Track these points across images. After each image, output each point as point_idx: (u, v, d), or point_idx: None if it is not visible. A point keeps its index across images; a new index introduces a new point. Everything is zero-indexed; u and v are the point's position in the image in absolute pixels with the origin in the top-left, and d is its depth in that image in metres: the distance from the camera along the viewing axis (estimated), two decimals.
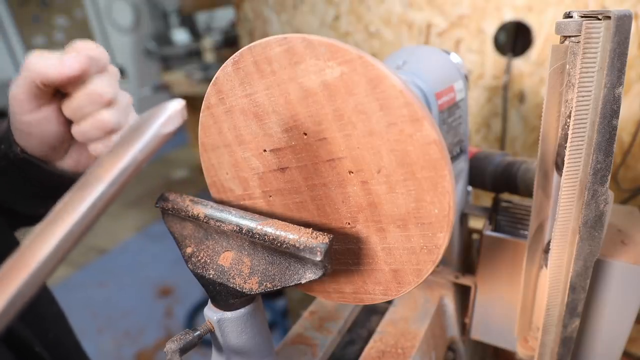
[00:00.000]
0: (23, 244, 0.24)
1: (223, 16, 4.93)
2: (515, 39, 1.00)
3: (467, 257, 0.75)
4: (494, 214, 0.66)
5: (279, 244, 0.35)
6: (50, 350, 0.56)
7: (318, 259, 0.33)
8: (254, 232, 0.37)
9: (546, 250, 0.52)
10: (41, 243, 0.23)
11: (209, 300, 0.42)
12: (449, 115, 0.55)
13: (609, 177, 0.42)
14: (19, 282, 0.23)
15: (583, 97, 0.40)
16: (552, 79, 0.43)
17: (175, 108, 0.28)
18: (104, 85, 0.38)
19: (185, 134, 4.04)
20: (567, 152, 0.42)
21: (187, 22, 5.36)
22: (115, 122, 0.39)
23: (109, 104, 0.39)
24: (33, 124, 0.40)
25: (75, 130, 0.40)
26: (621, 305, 0.53)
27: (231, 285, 0.39)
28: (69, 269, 2.89)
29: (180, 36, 5.25)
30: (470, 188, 0.69)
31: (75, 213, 0.24)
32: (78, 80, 0.37)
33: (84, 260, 2.97)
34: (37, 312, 0.59)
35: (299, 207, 0.40)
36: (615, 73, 0.38)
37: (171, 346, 0.37)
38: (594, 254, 0.46)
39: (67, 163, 0.46)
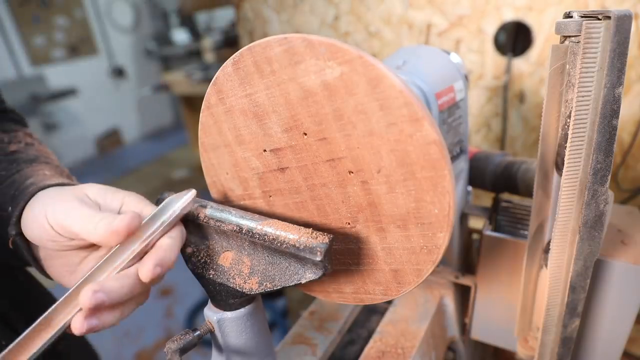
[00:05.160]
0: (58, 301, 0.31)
1: (223, 16, 4.94)
2: (515, 39, 0.99)
3: (467, 257, 0.75)
4: (494, 214, 0.66)
5: (279, 244, 0.35)
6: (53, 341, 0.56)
7: (318, 259, 0.33)
8: (254, 232, 0.37)
9: (546, 250, 0.52)
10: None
11: (209, 300, 0.42)
12: (449, 115, 0.55)
13: (609, 177, 0.42)
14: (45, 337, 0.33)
15: (583, 97, 0.40)
16: (552, 79, 0.43)
17: (189, 197, 0.40)
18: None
19: (185, 133, 4.03)
20: (567, 152, 0.42)
21: (187, 22, 5.36)
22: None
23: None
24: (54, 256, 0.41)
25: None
26: (621, 305, 0.53)
27: (231, 285, 0.39)
28: None
29: (180, 36, 5.25)
30: (470, 188, 0.69)
31: (116, 262, 0.36)
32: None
33: None
34: (40, 303, 0.60)
35: (299, 207, 0.40)
36: (615, 73, 0.38)
37: (171, 346, 0.37)
38: (594, 254, 0.46)
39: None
